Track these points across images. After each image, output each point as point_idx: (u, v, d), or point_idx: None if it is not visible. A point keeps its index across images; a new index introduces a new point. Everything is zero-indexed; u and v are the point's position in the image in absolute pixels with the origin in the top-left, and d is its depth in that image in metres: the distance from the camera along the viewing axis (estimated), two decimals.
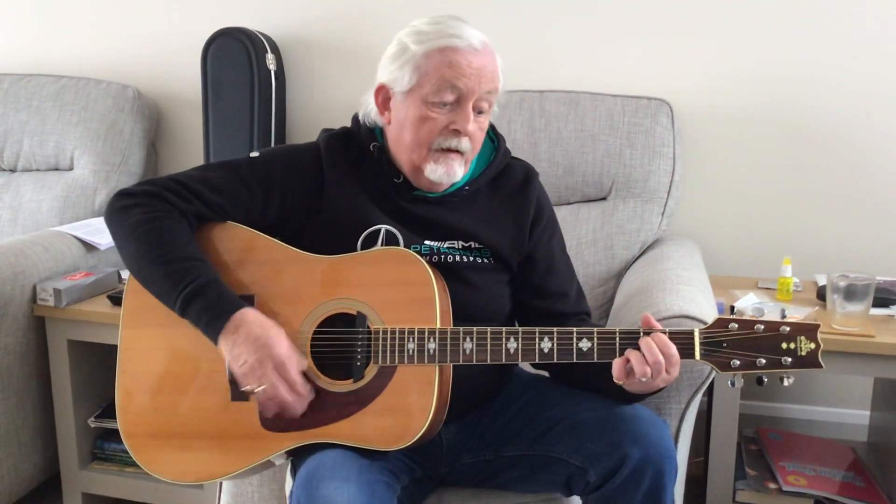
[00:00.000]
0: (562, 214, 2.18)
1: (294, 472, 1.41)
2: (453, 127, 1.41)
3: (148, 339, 1.44)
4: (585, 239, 2.20)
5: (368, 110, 1.50)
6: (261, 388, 1.33)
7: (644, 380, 1.29)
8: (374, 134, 1.52)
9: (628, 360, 1.29)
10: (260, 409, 1.37)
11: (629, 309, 1.78)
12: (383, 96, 1.46)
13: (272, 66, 2.56)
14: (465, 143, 1.42)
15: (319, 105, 2.69)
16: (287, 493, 1.50)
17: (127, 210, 1.41)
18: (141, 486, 2.17)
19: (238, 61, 2.52)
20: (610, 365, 1.32)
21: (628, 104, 2.25)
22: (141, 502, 2.21)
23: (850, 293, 1.85)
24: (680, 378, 1.61)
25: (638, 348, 1.30)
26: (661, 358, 1.28)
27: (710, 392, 2.03)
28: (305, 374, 1.37)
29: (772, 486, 2.05)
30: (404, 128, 1.44)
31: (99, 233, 2.32)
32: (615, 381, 1.32)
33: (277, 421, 1.37)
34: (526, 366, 1.58)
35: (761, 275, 2.30)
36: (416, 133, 1.42)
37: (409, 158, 1.45)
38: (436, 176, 1.43)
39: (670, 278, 1.82)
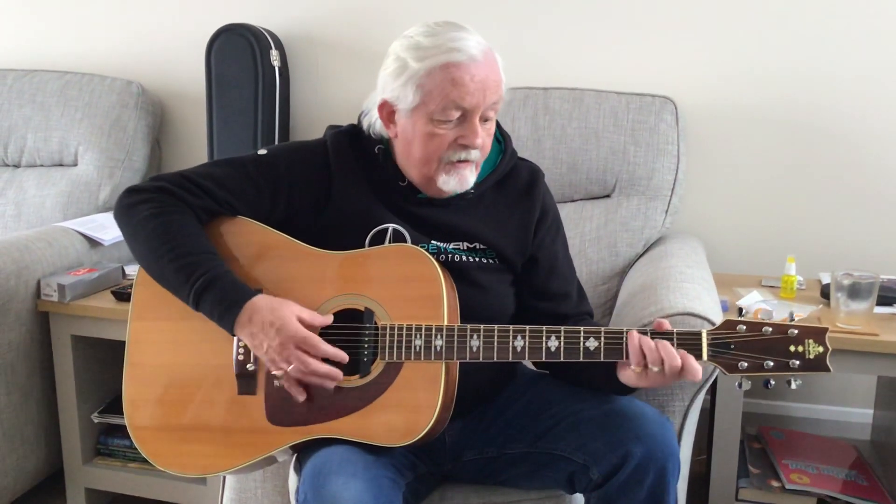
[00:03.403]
0: (565, 212, 2.18)
1: (298, 468, 1.42)
2: (462, 142, 1.39)
3: (156, 332, 1.44)
4: (589, 236, 2.20)
5: (373, 122, 1.47)
6: (291, 367, 1.33)
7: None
8: (380, 136, 1.50)
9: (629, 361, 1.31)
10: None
11: (632, 307, 1.78)
12: (387, 111, 1.44)
13: (276, 63, 2.56)
14: (474, 154, 1.42)
15: (323, 102, 2.68)
16: (290, 488, 1.50)
17: (135, 206, 1.42)
18: (144, 481, 2.16)
19: (242, 58, 2.52)
20: (610, 365, 1.35)
21: (633, 101, 2.24)
22: (144, 498, 2.21)
23: (854, 291, 1.85)
24: None
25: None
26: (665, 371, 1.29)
27: (713, 390, 2.03)
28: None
29: (775, 484, 2.05)
30: (412, 144, 1.42)
31: (103, 228, 2.32)
32: (625, 383, 1.34)
33: (284, 415, 1.37)
34: (528, 363, 1.58)
35: (765, 273, 2.30)
36: (425, 149, 1.41)
37: (420, 172, 1.44)
38: (448, 187, 1.43)
39: (674, 276, 1.81)
